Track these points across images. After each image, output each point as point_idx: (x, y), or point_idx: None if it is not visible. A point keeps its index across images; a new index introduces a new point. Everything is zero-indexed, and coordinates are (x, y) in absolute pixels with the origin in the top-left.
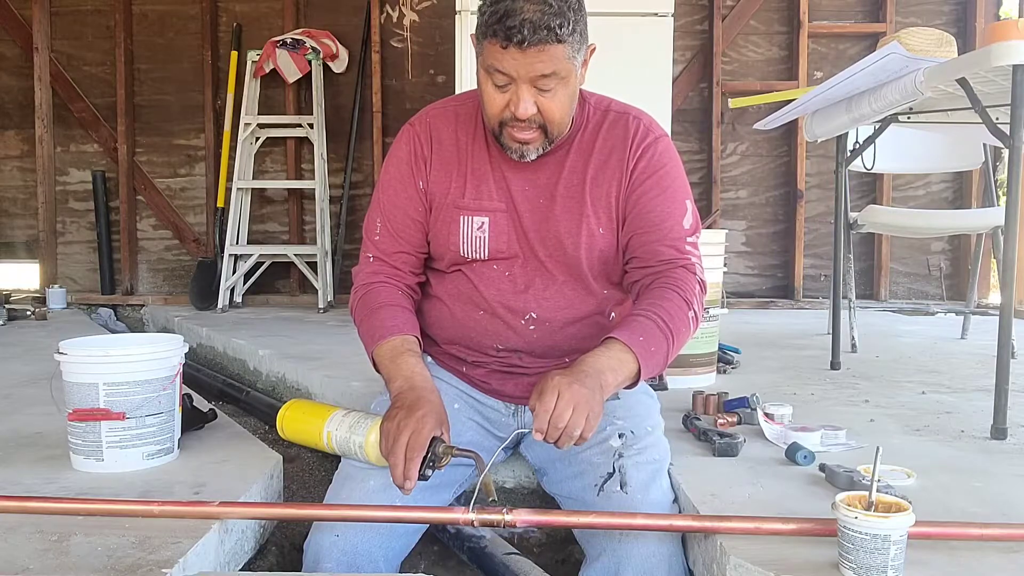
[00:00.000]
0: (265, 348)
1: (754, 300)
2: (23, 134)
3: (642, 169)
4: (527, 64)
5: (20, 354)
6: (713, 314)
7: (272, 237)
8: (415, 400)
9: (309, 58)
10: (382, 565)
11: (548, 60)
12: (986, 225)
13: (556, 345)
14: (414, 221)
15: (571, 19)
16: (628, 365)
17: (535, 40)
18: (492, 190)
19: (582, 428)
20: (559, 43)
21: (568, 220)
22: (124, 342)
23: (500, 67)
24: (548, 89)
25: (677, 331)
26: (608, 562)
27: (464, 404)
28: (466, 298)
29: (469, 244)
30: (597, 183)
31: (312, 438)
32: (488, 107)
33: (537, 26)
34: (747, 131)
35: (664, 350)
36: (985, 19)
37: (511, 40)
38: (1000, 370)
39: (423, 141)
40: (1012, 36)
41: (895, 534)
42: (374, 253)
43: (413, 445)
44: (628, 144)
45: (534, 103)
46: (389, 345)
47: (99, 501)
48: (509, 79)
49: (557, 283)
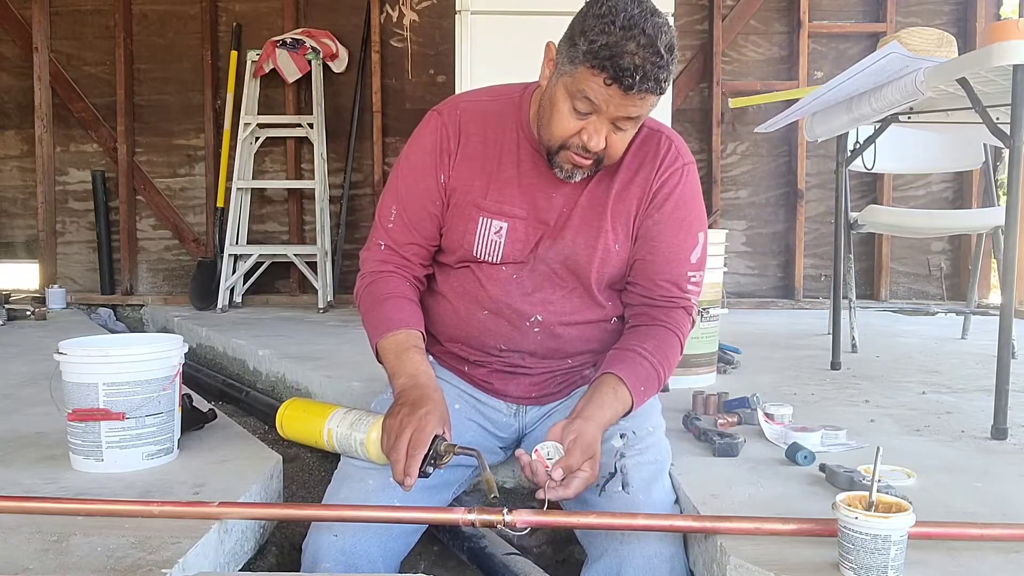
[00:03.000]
0: (265, 348)
1: (754, 300)
2: (23, 134)
3: (665, 194)
4: (622, 106)
5: (20, 354)
6: (713, 314)
7: (272, 237)
8: (418, 397)
9: (309, 58)
10: (381, 565)
11: (642, 108)
12: (986, 225)
13: (559, 348)
14: (430, 214)
15: (671, 73)
16: (625, 406)
17: (642, 89)
18: (515, 195)
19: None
20: (658, 95)
21: (587, 234)
22: (124, 342)
23: (592, 97)
24: (625, 129)
25: (668, 369)
26: (610, 562)
27: (465, 404)
28: (471, 297)
29: (484, 246)
30: (620, 199)
31: (312, 435)
32: (556, 127)
33: (647, 76)
34: (747, 131)
35: (653, 391)
36: (985, 19)
37: (619, 82)
38: (1000, 370)
39: (451, 134)
40: (1012, 36)
41: (895, 534)
42: (385, 241)
43: (415, 442)
44: (656, 165)
45: (603, 140)
46: (394, 339)
47: (99, 501)
48: (593, 110)
49: (565, 291)
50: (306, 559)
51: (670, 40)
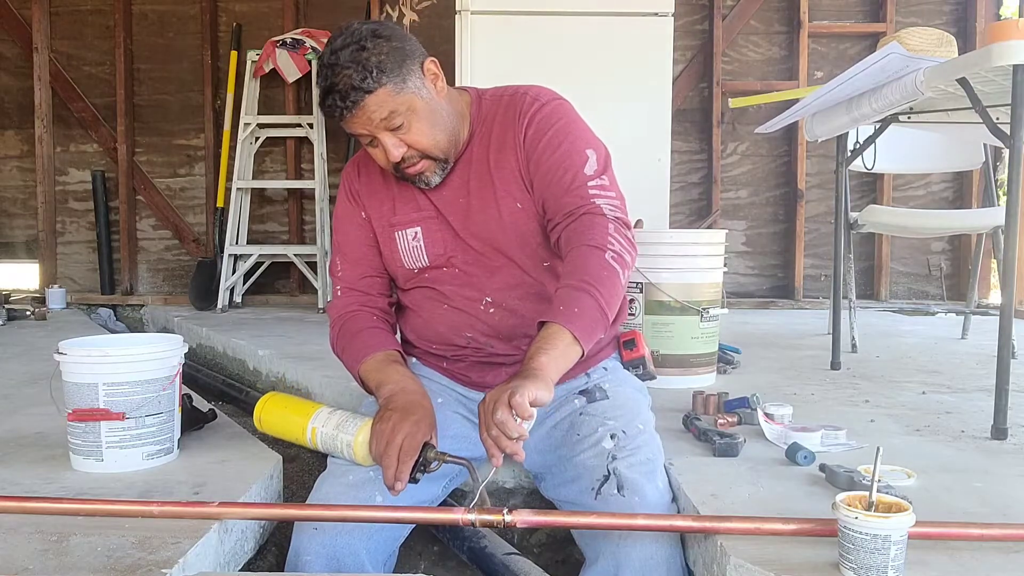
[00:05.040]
0: (265, 348)
1: (754, 300)
2: (23, 134)
3: (532, 135)
4: (363, 122)
5: (20, 354)
6: (713, 314)
7: (272, 237)
8: (409, 404)
9: (309, 58)
10: (366, 561)
11: (376, 109)
12: (986, 225)
13: (519, 326)
14: (368, 246)
15: (373, 65)
16: (570, 346)
17: (349, 105)
18: (419, 203)
19: (509, 422)
20: (371, 92)
21: (486, 208)
22: (124, 342)
23: (352, 132)
24: (399, 126)
25: (601, 282)
26: (607, 564)
27: (448, 398)
28: (429, 299)
29: (409, 255)
30: (500, 164)
31: (294, 432)
32: (378, 161)
33: (344, 93)
34: (747, 131)
35: (597, 309)
36: (985, 19)
37: (335, 117)
38: (1000, 370)
39: (354, 176)
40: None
41: (895, 534)
42: (342, 286)
43: (407, 448)
44: (517, 118)
45: (399, 143)
46: (374, 359)
47: (99, 501)
48: (369, 135)
49: (500, 267)
50: (289, 556)
51: (357, 43)
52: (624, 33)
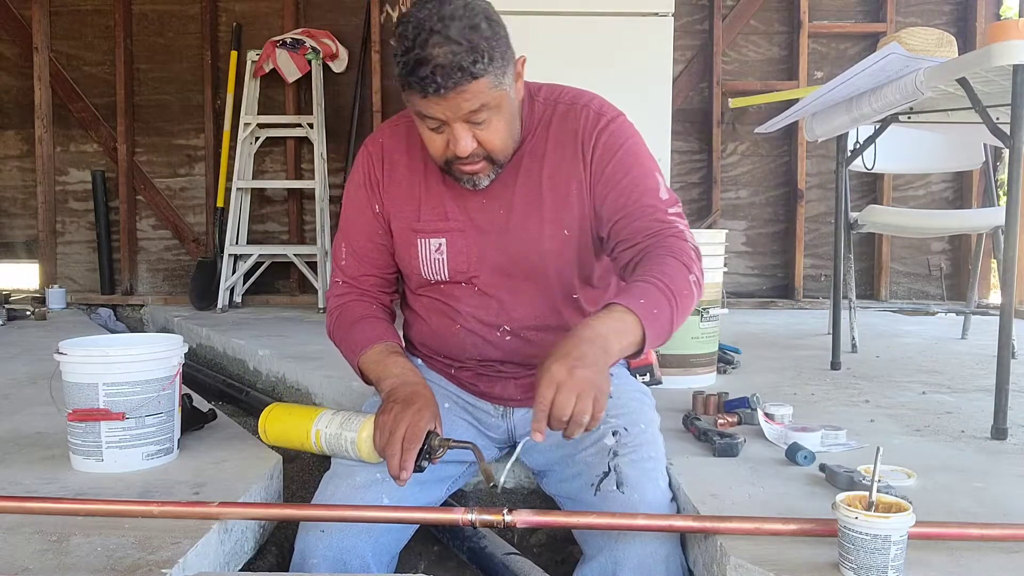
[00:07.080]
0: (265, 348)
1: (754, 300)
2: (23, 134)
3: (600, 157)
4: (452, 107)
5: (20, 354)
6: (713, 314)
7: (272, 237)
8: (410, 394)
9: (309, 58)
10: (371, 562)
11: (472, 98)
12: (986, 225)
13: (535, 354)
14: (376, 245)
15: (484, 49)
16: (632, 328)
17: (451, 85)
18: (448, 210)
19: (590, 413)
20: (477, 79)
21: (527, 228)
22: (124, 342)
23: (427, 112)
24: (481, 122)
25: (679, 293)
26: (606, 561)
27: (454, 404)
28: (442, 314)
29: (429, 266)
30: (555, 183)
31: (299, 438)
32: (431, 149)
33: (450, 70)
34: (747, 131)
35: (668, 313)
36: (985, 19)
37: (426, 91)
38: (1000, 370)
39: (375, 163)
40: (1012, 36)
41: (895, 534)
42: (342, 278)
43: (410, 437)
44: (580, 135)
45: (472, 138)
46: (374, 351)
47: (99, 501)
48: (440, 121)
49: (527, 294)
50: (295, 558)
51: (471, 20)
52: (624, 33)
